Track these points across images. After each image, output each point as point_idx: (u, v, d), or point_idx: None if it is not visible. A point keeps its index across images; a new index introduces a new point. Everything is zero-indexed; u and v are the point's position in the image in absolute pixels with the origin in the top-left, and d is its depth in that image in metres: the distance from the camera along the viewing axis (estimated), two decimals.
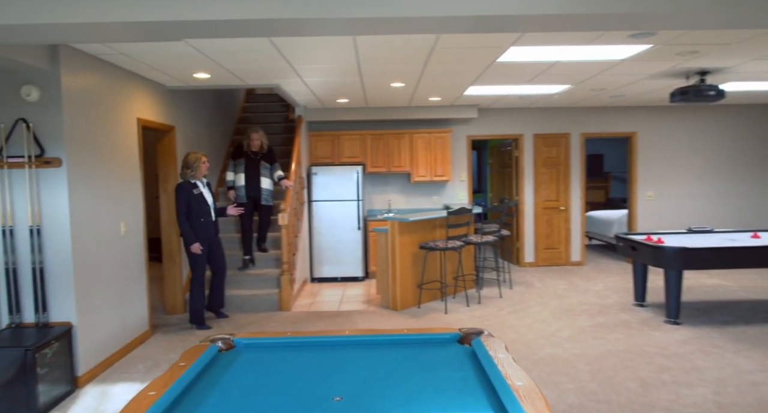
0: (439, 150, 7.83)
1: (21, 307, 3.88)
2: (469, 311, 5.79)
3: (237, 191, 6.22)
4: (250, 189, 6.18)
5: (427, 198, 8.23)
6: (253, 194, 6.20)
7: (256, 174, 6.20)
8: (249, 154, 6.23)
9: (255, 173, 6.19)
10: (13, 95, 3.78)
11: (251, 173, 6.18)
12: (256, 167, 6.21)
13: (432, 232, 6.29)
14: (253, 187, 6.19)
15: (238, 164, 6.26)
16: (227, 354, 2.39)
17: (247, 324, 5.48)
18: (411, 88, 6.03)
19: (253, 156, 6.23)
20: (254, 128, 6.30)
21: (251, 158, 6.23)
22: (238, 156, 6.28)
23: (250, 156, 6.23)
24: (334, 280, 7.59)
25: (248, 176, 6.18)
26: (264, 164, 6.26)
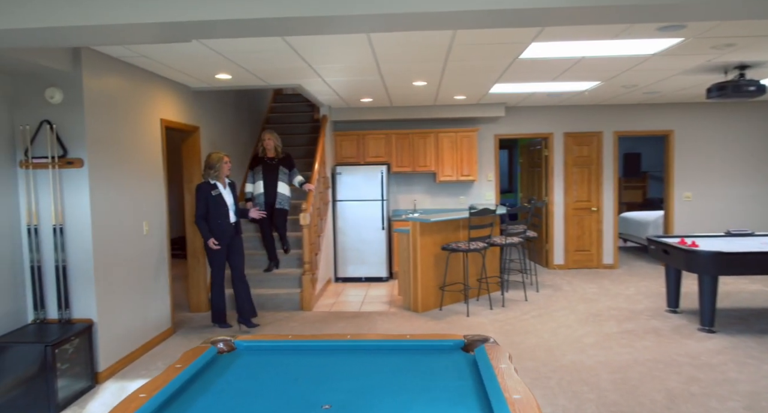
0: (466, 149, 7.70)
1: (45, 303, 3.99)
2: (492, 314, 5.66)
3: (256, 200, 6.10)
4: (268, 195, 6.08)
5: (453, 198, 8.11)
6: (270, 200, 6.10)
7: (274, 180, 6.09)
8: (266, 160, 6.14)
9: (273, 179, 6.09)
10: (38, 98, 3.89)
11: (269, 179, 6.08)
12: (275, 173, 6.11)
13: (455, 233, 6.18)
14: (271, 193, 6.09)
15: (255, 173, 6.18)
16: (226, 356, 2.37)
17: (267, 323, 5.50)
18: (434, 86, 5.94)
19: (269, 162, 6.13)
20: (268, 130, 6.26)
21: (268, 164, 6.13)
22: (256, 164, 6.21)
23: (267, 162, 6.13)
24: (358, 280, 7.57)
25: (266, 182, 6.08)
26: (282, 169, 6.15)
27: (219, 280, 5.16)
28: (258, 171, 6.15)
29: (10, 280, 3.86)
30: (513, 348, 4.57)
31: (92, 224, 3.95)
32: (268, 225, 6.20)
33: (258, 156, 6.23)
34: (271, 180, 6.08)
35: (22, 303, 3.96)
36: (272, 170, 6.11)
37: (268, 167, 6.11)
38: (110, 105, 4.21)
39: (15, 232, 3.91)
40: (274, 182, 6.09)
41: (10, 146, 3.89)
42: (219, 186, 5.04)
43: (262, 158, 6.16)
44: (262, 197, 6.06)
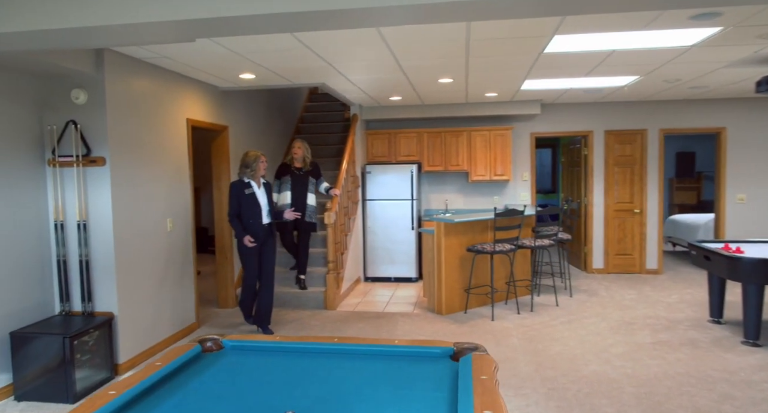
0: (499, 148, 7.48)
1: (70, 296, 4.15)
2: (518, 319, 5.46)
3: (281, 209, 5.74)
4: (296, 207, 5.81)
5: (486, 198, 7.90)
6: (300, 209, 5.86)
7: (303, 191, 5.90)
8: (294, 170, 5.93)
9: (302, 191, 5.89)
10: (65, 99, 4.05)
11: (298, 190, 5.88)
12: (304, 184, 5.92)
13: (482, 234, 6.00)
14: (299, 205, 5.87)
15: (283, 183, 5.94)
16: (211, 356, 2.36)
17: (289, 321, 5.53)
18: (461, 83, 5.78)
19: (297, 172, 5.94)
20: (298, 139, 6.10)
21: (296, 174, 5.93)
22: (283, 174, 5.97)
23: (295, 172, 5.93)
24: (387, 280, 7.50)
25: (295, 193, 5.87)
26: (311, 180, 5.99)
27: (251, 281, 4.93)
28: (286, 181, 5.92)
29: (39, 273, 4.03)
30: (535, 355, 4.38)
31: (113, 221, 4.08)
32: (291, 238, 6.05)
33: (286, 164, 6.02)
34: (300, 191, 5.90)
35: (50, 295, 4.13)
36: (301, 180, 5.92)
37: (297, 178, 5.91)
38: (133, 105, 4.32)
39: (43, 227, 4.09)
40: (303, 194, 5.91)
41: (39, 146, 4.07)
42: (253, 185, 4.88)
43: (289, 166, 5.96)
44: (288, 207, 5.79)
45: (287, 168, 5.97)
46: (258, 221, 4.85)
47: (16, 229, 3.85)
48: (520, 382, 3.84)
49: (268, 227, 4.95)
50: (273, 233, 5.03)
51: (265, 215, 4.91)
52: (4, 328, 3.70)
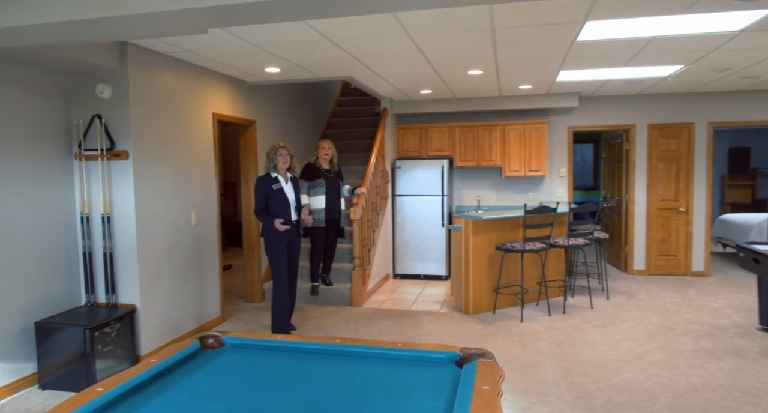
0: (534, 143, 7.20)
1: (95, 288, 4.22)
2: (549, 321, 5.22)
3: (313, 215, 5.43)
4: (330, 211, 5.55)
5: (520, 195, 7.63)
6: (332, 217, 5.60)
7: (338, 195, 5.62)
8: (324, 173, 5.56)
9: (337, 194, 5.60)
10: (90, 93, 4.11)
11: (333, 194, 5.57)
12: (337, 187, 5.62)
13: (513, 232, 5.78)
14: (336, 210, 5.61)
15: (317, 186, 5.51)
16: (210, 353, 2.30)
17: (312, 317, 5.49)
18: (491, 75, 5.57)
19: (329, 175, 5.60)
20: (327, 139, 5.85)
21: (329, 177, 5.58)
22: (315, 176, 5.54)
23: (327, 175, 5.58)
24: (416, 277, 7.37)
25: (330, 197, 5.53)
26: (340, 183, 5.76)
27: (282, 281, 4.63)
28: (320, 184, 5.51)
29: (66, 264, 4.12)
30: (563, 360, 4.16)
31: (136, 214, 4.11)
32: (322, 244, 5.69)
33: (314, 166, 5.58)
34: (335, 195, 5.59)
35: (77, 286, 4.22)
36: (334, 183, 5.60)
37: (330, 181, 5.57)
38: (157, 99, 4.35)
39: (71, 220, 4.17)
40: (337, 198, 5.62)
41: (67, 140, 4.15)
42: (281, 180, 4.63)
43: (319, 168, 5.56)
44: (323, 212, 5.49)
45: (317, 170, 5.55)
46: (286, 218, 4.60)
47: (44, 221, 3.94)
48: (544, 388, 3.65)
49: (297, 225, 4.77)
50: (300, 232, 4.88)
51: (294, 212, 4.70)
52: (30, 317, 3.79)
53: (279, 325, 4.66)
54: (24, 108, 3.80)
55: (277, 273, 4.62)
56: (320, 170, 5.54)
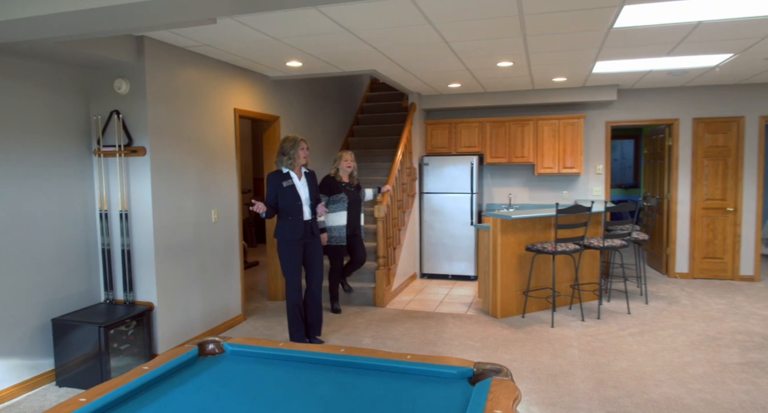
0: (569, 138, 6.86)
1: (114, 285, 4.20)
2: (582, 327, 4.93)
3: (332, 232, 5.20)
4: (352, 227, 5.31)
5: (554, 193, 7.31)
6: (355, 233, 5.37)
7: (359, 210, 5.37)
8: (345, 186, 5.28)
9: (359, 210, 5.36)
10: (109, 89, 4.07)
11: (356, 210, 5.33)
12: (359, 202, 5.38)
13: (544, 232, 5.49)
14: (358, 226, 5.39)
15: (339, 201, 5.21)
16: (207, 360, 2.18)
17: (334, 318, 5.35)
18: (523, 67, 5.29)
19: (349, 189, 5.30)
20: (350, 151, 5.52)
21: (350, 191, 5.30)
22: (335, 190, 5.22)
23: (348, 189, 5.29)
24: (444, 277, 7.16)
25: (352, 213, 5.29)
26: (361, 196, 5.48)
27: (293, 286, 4.30)
28: (341, 200, 5.22)
29: (86, 261, 4.10)
30: (596, 370, 3.89)
31: (153, 211, 4.06)
32: (341, 263, 5.41)
33: (334, 179, 5.27)
34: (357, 211, 5.34)
35: (96, 283, 4.20)
36: (356, 199, 5.35)
37: (351, 196, 5.29)
38: (175, 94, 4.28)
39: (90, 216, 4.15)
40: (359, 214, 5.38)
41: (87, 136, 4.12)
42: (293, 176, 4.28)
43: (339, 182, 5.27)
44: (343, 230, 5.21)
45: (337, 184, 5.24)
46: (298, 218, 4.25)
47: (64, 218, 3.93)
48: (573, 402, 3.40)
49: (311, 225, 4.38)
50: (316, 232, 4.43)
51: (307, 211, 4.33)
52: (48, 314, 3.79)
53: (293, 333, 4.38)
54: (45, 104, 3.78)
55: (287, 278, 4.31)
56: (340, 184, 5.25)
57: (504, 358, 4.16)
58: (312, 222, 4.40)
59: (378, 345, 4.50)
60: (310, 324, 4.52)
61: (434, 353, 4.29)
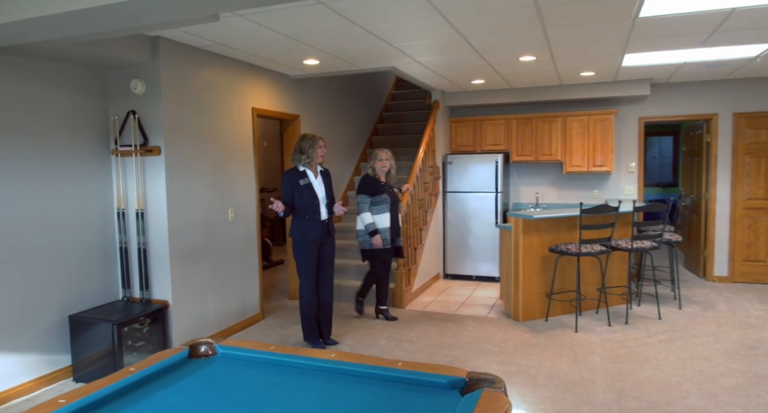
0: (599, 135, 6.60)
1: (131, 283, 4.25)
2: (608, 332, 4.71)
3: (377, 235, 4.88)
4: (395, 231, 5.04)
5: (584, 192, 7.05)
6: (395, 233, 5.07)
7: (397, 211, 5.09)
8: (385, 186, 5.00)
9: (396, 211, 5.08)
10: (126, 89, 4.11)
11: (394, 211, 5.03)
12: (397, 202, 5.12)
13: (570, 232, 5.28)
14: (398, 229, 5.09)
15: (381, 202, 4.89)
16: (196, 362, 2.14)
17: (353, 317, 5.29)
18: (547, 62, 5.10)
19: (389, 189, 5.04)
20: (386, 149, 5.09)
21: (390, 191, 5.01)
22: (377, 191, 4.90)
23: (389, 190, 5.02)
24: (468, 278, 7.01)
25: (393, 214, 5.01)
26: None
27: (308, 287, 4.28)
28: (384, 201, 4.91)
29: (104, 259, 4.17)
30: (618, 379, 3.70)
31: (167, 210, 4.09)
32: (387, 268, 5.09)
33: (374, 179, 4.98)
34: (396, 211, 5.08)
35: (114, 281, 4.27)
36: (395, 197, 5.10)
37: (391, 195, 5.02)
38: (191, 94, 4.30)
39: (109, 215, 4.22)
40: (397, 214, 5.11)
41: (105, 136, 4.19)
42: (309, 174, 4.25)
43: (379, 181, 4.98)
44: (387, 232, 4.92)
45: (378, 183, 4.96)
46: (316, 217, 4.22)
47: (84, 216, 4.00)
48: (591, 412, 3.23)
49: (327, 224, 4.35)
50: (332, 231, 4.44)
51: (324, 210, 4.30)
52: (65, 310, 3.86)
53: (307, 334, 4.36)
54: (65, 105, 3.86)
55: (302, 278, 4.28)
56: (380, 184, 4.96)
57: (521, 364, 4.00)
58: (328, 221, 4.36)
59: (392, 347, 4.41)
60: (323, 325, 4.48)
61: (449, 356, 4.17)
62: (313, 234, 4.23)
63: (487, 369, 3.90)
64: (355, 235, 5.39)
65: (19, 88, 3.55)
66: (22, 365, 3.60)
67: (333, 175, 6.64)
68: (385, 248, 4.92)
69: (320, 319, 4.45)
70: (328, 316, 4.50)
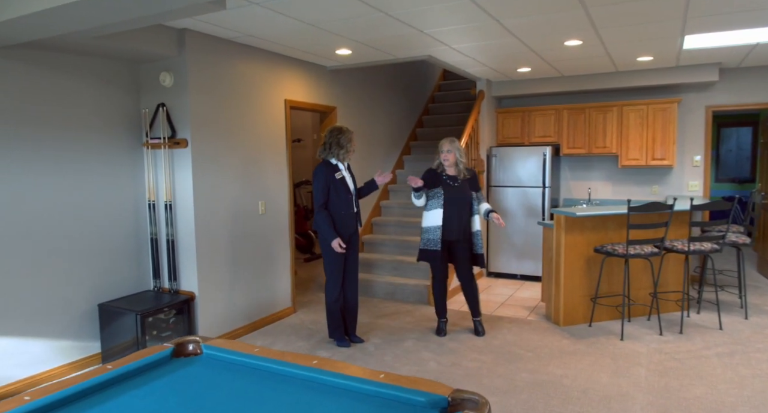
0: (660, 126, 6.06)
1: (161, 273, 4.32)
2: (658, 342, 4.30)
3: (427, 234, 4.38)
4: (450, 231, 4.35)
5: (641, 188, 6.52)
6: (454, 238, 4.37)
7: (461, 210, 4.36)
8: (446, 180, 4.42)
9: (458, 209, 4.35)
10: (156, 82, 4.16)
11: (454, 208, 4.34)
12: (462, 199, 4.35)
13: (618, 231, 4.87)
14: (459, 230, 4.36)
15: (433, 197, 4.39)
16: (177, 362, 2.07)
17: (383, 314, 5.16)
18: (596, 46, 4.70)
19: (451, 183, 4.41)
20: (448, 139, 4.43)
21: (450, 185, 4.39)
22: (432, 183, 4.42)
23: (448, 183, 4.40)
24: (512, 277, 6.69)
25: (448, 212, 4.33)
26: (472, 194, 4.46)
27: (334, 282, 4.20)
28: (437, 195, 4.36)
29: (136, 249, 4.26)
30: (663, 395, 3.34)
31: (194, 202, 4.10)
32: (443, 275, 4.51)
33: (434, 171, 4.45)
34: (454, 211, 4.33)
35: (146, 271, 4.36)
36: (459, 195, 4.35)
37: (450, 191, 4.36)
38: (219, 86, 4.29)
39: (141, 207, 4.30)
40: (459, 214, 4.35)
41: (138, 128, 4.26)
42: (341, 167, 4.17)
43: (440, 175, 4.42)
44: (438, 231, 4.33)
45: (437, 176, 4.42)
46: (349, 212, 4.14)
47: (117, 208, 4.10)
48: None
49: (356, 216, 4.27)
50: (360, 222, 4.35)
51: (355, 203, 4.23)
52: (96, 298, 3.97)
53: (332, 330, 4.33)
54: (99, 99, 3.95)
55: (328, 274, 4.20)
56: (441, 177, 4.41)
57: (554, 373, 3.71)
58: (356, 216, 4.29)
59: (419, 348, 4.24)
60: (350, 321, 4.39)
61: (476, 361, 3.94)
62: (346, 229, 4.18)
63: (515, 376, 3.65)
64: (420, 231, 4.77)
65: (54, 83, 3.66)
66: (54, 350, 3.73)
67: (372, 169, 6.56)
68: (431, 249, 4.38)
69: (345, 316, 4.36)
70: (353, 313, 4.40)
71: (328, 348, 4.28)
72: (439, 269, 4.50)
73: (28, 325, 3.58)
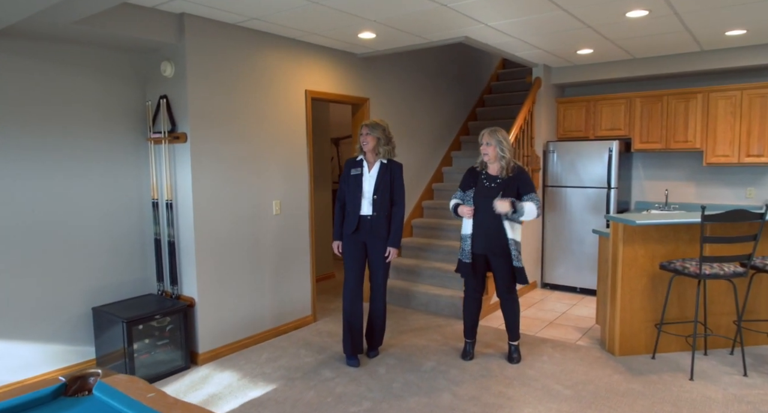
0: (757, 116, 5.01)
1: (163, 277, 4.06)
2: (738, 384, 3.43)
3: (462, 243, 3.81)
4: (480, 241, 3.71)
5: (733, 190, 5.47)
6: (487, 245, 3.70)
7: (491, 215, 3.64)
8: (482, 177, 3.76)
9: (488, 215, 3.65)
10: (157, 72, 3.89)
11: (482, 214, 3.68)
12: (494, 199, 3.61)
13: (693, 244, 3.99)
14: (485, 234, 3.69)
15: (468, 198, 3.78)
16: (60, 402, 1.69)
17: (412, 328, 4.62)
18: (668, 17, 3.85)
19: (487, 183, 3.72)
20: (489, 130, 3.72)
21: (484, 186, 3.72)
22: (468, 185, 3.82)
23: (483, 182, 3.75)
24: (571, 290, 5.89)
25: (477, 217, 3.71)
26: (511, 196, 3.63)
27: (346, 294, 3.83)
28: (469, 197, 3.79)
29: (139, 250, 4.04)
30: None
31: (193, 201, 3.80)
32: (477, 293, 3.91)
33: (474, 171, 3.85)
34: (486, 215, 3.66)
35: (150, 273, 4.13)
36: (491, 194, 3.66)
37: (483, 192, 3.71)
38: (225, 75, 3.94)
39: (145, 205, 4.07)
40: (490, 219, 3.66)
41: (142, 122, 4.03)
42: (364, 165, 3.80)
43: (479, 173, 3.80)
44: (469, 240, 3.75)
45: (475, 176, 3.81)
46: (356, 211, 3.77)
47: (119, 206, 3.90)
48: None
49: (370, 222, 3.75)
50: (378, 233, 3.75)
51: (367, 206, 3.75)
52: (91, 302, 3.77)
53: (343, 344, 3.89)
54: (102, 92, 3.75)
55: (344, 283, 3.88)
56: (479, 177, 3.78)
57: None
58: (372, 220, 3.76)
59: (436, 375, 3.66)
60: (370, 333, 4.00)
61: (501, 396, 3.31)
62: (348, 228, 3.82)
63: None
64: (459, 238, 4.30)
65: (54, 75, 3.48)
66: (47, 354, 3.57)
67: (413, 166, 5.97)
68: (464, 261, 3.79)
69: (368, 328, 4.01)
70: (371, 326, 3.98)
71: (336, 367, 3.81)
72: (470, 284, 3.92)
73: (16, 328, 3.43)
